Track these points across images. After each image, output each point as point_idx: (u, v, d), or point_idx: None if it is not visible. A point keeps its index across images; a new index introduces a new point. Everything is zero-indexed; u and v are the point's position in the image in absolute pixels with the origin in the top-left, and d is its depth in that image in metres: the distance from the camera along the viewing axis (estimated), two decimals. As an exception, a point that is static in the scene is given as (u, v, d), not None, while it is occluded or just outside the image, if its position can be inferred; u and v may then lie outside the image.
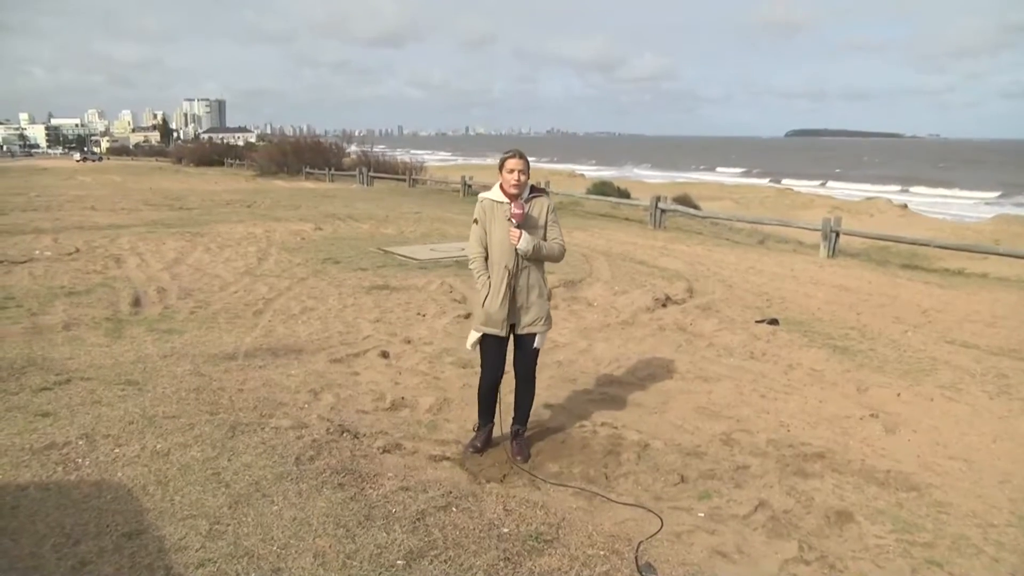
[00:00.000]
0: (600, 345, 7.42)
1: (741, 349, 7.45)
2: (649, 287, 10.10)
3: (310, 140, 51.73)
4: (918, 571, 3.63)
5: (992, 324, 8.92)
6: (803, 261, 13.73)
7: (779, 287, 10.85)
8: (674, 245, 15.24)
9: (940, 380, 6.62)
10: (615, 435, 5.16)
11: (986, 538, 3.95)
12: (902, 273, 13.13)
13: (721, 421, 5.51)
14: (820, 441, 5.19)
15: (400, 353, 6.96)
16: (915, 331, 8.42)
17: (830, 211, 26.32)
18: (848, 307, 9.62)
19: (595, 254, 13.30)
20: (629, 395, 6.03)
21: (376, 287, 9.82)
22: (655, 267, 12.21)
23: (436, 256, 12.31)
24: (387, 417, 5.40)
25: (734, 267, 12.55)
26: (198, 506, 3.94)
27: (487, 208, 4.57)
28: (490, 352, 4.70)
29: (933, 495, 4.43)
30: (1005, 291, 11.37)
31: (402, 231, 16.17)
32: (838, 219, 15.13)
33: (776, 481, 4.55)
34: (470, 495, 4.21)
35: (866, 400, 6.08)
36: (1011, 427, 5.57)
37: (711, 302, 9.48)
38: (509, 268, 4.49)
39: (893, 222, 31.98)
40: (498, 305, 4.51)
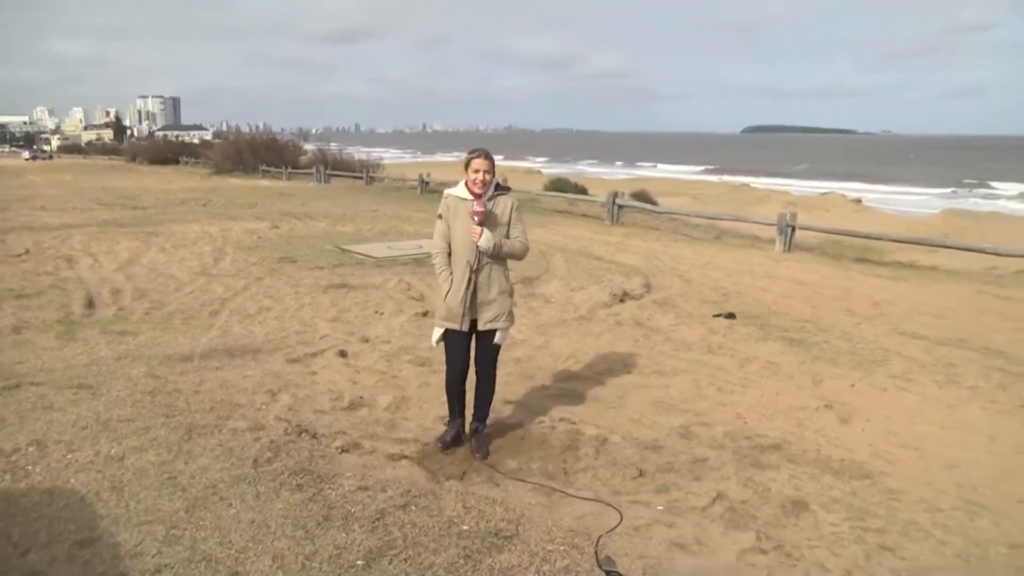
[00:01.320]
0: (558, 341, 7.47)
1: (698, 343, 7.54)
2: (606, 283, 10.18)
3: (266, 138, 51.47)
4: (871, 556, 3.71)
5: (941, 315, 9.12)
6: (759, 256, 13.92)
7: (736, 282, 10.98)
8: (631, 241, 15.34)
9: (892, 371, 6.77)
10: (573, 430, 5.19)
11: (934, 522, 4.06)
12: (855, 266, 13.36)
13: (679, 415, 5.57)
14: (776, 432, 5.27)
15: (358, 352, 6.94)
16: (868, 323, 8.58)
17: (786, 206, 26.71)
18: (803, 300, 9.78)
19: (552, 250, 13.35)
20: (587, 390, 6.07)
21: (333, 286, 9.77)
22: (612, 263, 12.29)
23: (394, 254, 12.27)
24: (345, 417, 5.38)
25: (691, 262, 12.68)
26: (154, 511, 3.89)
27: (451, 204, 4.64)
28: (453, 347, 4.76)
29: (885, 482, 4.53)
30: (953, 283, 11.64)
31: (359, 229, 16.09)
32: (793, 214, 15.36)
33: (733, 473, 4.61)
34: (429, 493, 4.21)
35: (821, 391, 6.19)
36: (958, 415, 5.72)
37: (668, 297, 9.58)
38: (471, 264, 4.55)
39: (847, 217, 32.51)
40: (459, 300, 4.58)
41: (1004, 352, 7.42)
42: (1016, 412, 5.78)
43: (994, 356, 7.27)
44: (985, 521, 4.09)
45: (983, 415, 5.72)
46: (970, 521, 4.08)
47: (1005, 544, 3.86)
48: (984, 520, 4.10)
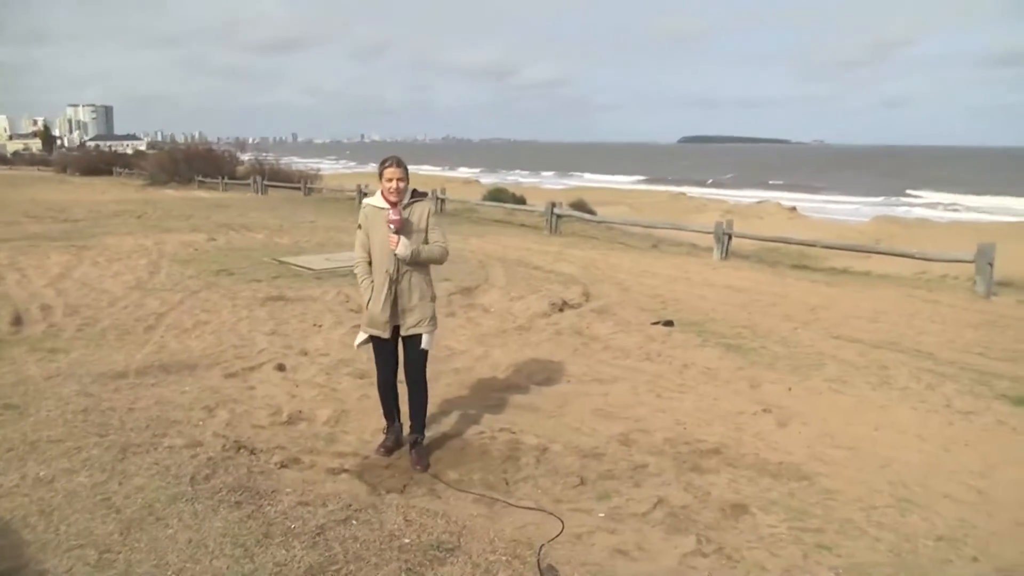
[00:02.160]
0: (497, 351, 7.51)
1: (637, 351, 7.66)
2: (545, 292, 10.27)
3: (202, 148, 50.94)
4: (809, 556, 3.83)
5: (874, 319, 9.42)
6: (697, 264, 14.17)
7: (673, 289, 11.17)
8: (570, 250, 15.49)
9: (827, 374, 6.97)
10: (514, 440, 5.24)
11: (869, 520, 4.21)
12: (791, 273, 13.70)
13: (618, 422, 5.66)
14: (715, 437, 5.39)
15: (296, 365, 6.89)
16: (804, 328, 8.82)
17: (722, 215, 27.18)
18: (740, 307, 10.00)
19: (491, 260, 13.42)
20: (527, 400, 6.13)
21: (271, 298, 9.67)
22: (551, 272, 12.40)
23: (332, 266, 12.19)
24: (284, 431, 5.34)
25: (629, 271, 12.86)
26: (86, 535, 3.81)
27: (369, 214, 4.76)
28: (379, 352, 4.91)
29: (822, 483, 4.68)
30: (886, 287, 12.04)
31: (297, 241, 15.96)
32: (730, 222, 15.68)
33: (673, 478, 4.71)
34: (370, 507, 4.20)
35: (758, 396, 6.35)
36: (891, 416, 5.92)
37: (607, 305, 9.70)
38: (390, 272, 4.67)
39: (783, 224, 33.23)
40: (380, 307, 4.70)
41: (932, 354, 7.71)
42: (943, 411, 6.02)
43: (924, 358, 7.55)
44: (915, 516, 4.26)
45: (913, 415, 5.93)
46: (901, 517, 4.25)
47: (933, 537, 4.04)
48: (914, 515, 4.27)
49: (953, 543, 3.98)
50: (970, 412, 5.99)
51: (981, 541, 4.01)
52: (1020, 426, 5.70)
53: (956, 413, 5.98)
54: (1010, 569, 3.78)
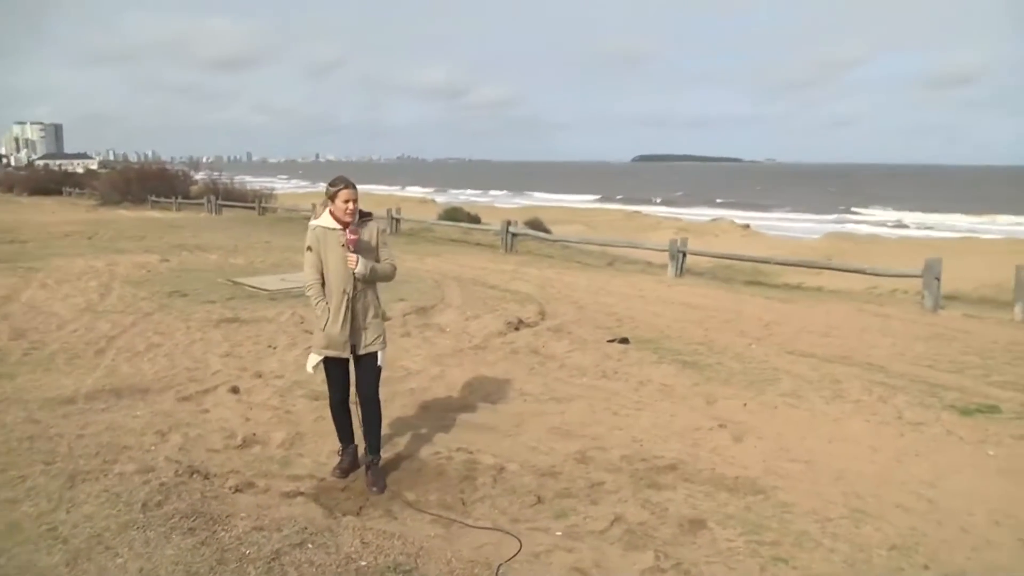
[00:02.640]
0: (453, 371, 7.51)
1: (593, 369, 7.70)
2: (501, 311, 10.30)
3: (155, 167, 50.48)
4: (766, 569, 3.88)
5: (827, 334, 9.59)
6: (652, 281, 14.32)
7: (629, 307, 11.27)
8: (525, 269, 15.56)
9: (782, 389, 7.08)
10: (470, 460, 5.24)
11: (824, 531, 4.27)
12: (745, 289, 13.90)
13: (575, 440, 5.68)
14: (672, 453, 5.44)
15: (251, 388, 6.82)
16: (758, 344, 8.95)
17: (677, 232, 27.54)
18: (695, 323, 10.12)
19: (447, 280, 13.42)
20: (483, 419, 6.14)
21: (225, 320, 9.57)
22: (507, 291, 12.44)
23: (287, 286, 12.10)
24: (238, 455, 5.28)
25: (585, 289, 12.95)
26: (29, 567, 3.71)
27: (320, 236, 4.74)
28: (333, 373, 4.91)
29: (778, 496, 4.74)
30: (837, 302, 12.27)
31: (252, 261, 15.83)
32: (684, 240, 15.89)
33: (631, 495, 4.73)
34: (326, 530, 4.17)
35: (714, 411, 6.42)
36: (844, 428, 6.03)
37: (563, 324, 9.76)
38: (348, 292, 4.69)
39: (736, 241, 33.74)
40: (339, 329, 4.70)
41: (884, 367, 7.87)
42: (894, 423, 6.15)
43: (875, 371, 7.70)
44: (869, 527, 4.33)
45: (866, 427, 6.05)
46: (855, 528, 4.32)
47: (886, 547, 4.11)
48: (868, 526, 4.34)
49: (905, 552, 4.06)
50: (920, 423, 6.13)
51: (931, 549, 4.10)
52: (967, 436, 5.84)
53: (907, 424, 6.11)
54: (957, 575, 3.88)
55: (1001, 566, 3.97)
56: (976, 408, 6.50)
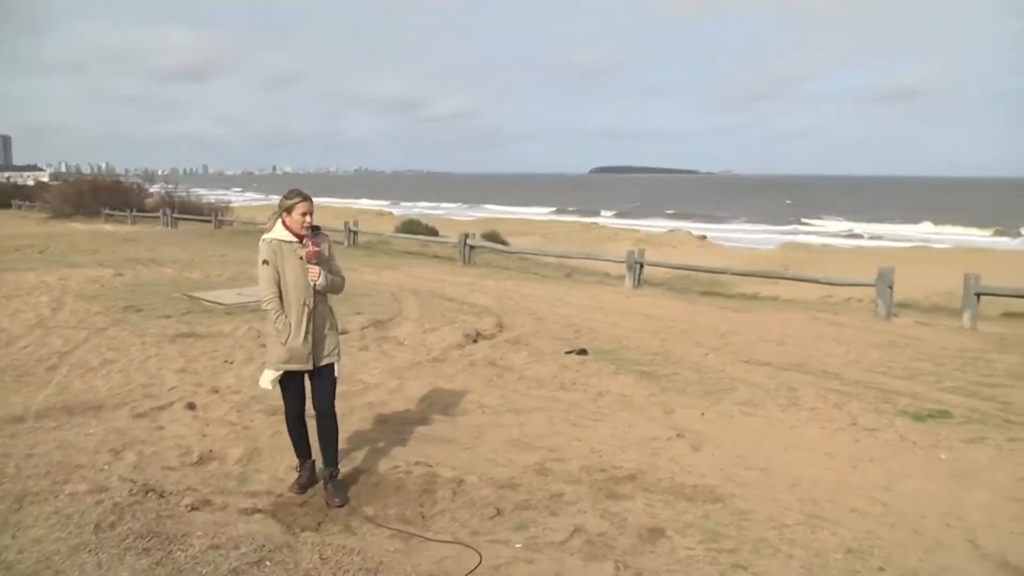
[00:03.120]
0: (412, 384, 7.50)
1: (551, 380, 7.73)
2: (459, 323, 10.30)
3: (109, 179, 49.73)
4: (725, 575, 3.92)
5: (782, 342, 9.74)
6: (610, 292, 14.41)
7: (587, 318, 11.34)
8: (483, 281, 15.58)
9: (738, 397, 7.17)
10: (429, 473, 5.23)
11: (781, 537, 4.33)
12: (702, 300, 14.07)
13: (534, 452, 5.70)
14: (631, 463, 5.47)
15: (207, 403, 6.74)
16: (715, 353, 9.05)
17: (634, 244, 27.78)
18: (653, 334, 10.21)
19: (404, 292, 13.40)
20: (442, 432, 6.13)
21: (181, 335, 9.45)
22: (465, 303, 12.46)
23: (243, 300, 11.98)
24: (195, 472, 5.22)
25: (543, 300, 13.00)
26: (-30, 596, 3.65)
27: (276, 248, 4.72)
28: (291, 387, 4.90)
29: (736, 504, 4.79)
30: (793, 311, 12.47)
31: (208, 275, 15.65)
32: (642, 251, 16.04)
33: (590, 506, 4.76)
34: (284, 547, 4.13)
35: (672, 421, 6.48)
36: (800, 435, 6.13)
37: (521, 335, 9.79)
38: (308, 304, 4.70)
39: (693, 252, 34.12)
40: (301, 341, 4.70)
41: (838, 374, 8.01)
42: (849, 429, 6.26)
43: (830, 378, 7.84)
44: (825, 531, 4.40)
45: (821, 434, 6.15)
46: (812, 533, 4.39)
47: (842, 551, 4.18)
48: (824, 531, 4.42)
49: (860, 555, 4.14)
50: (874, 429, 6.25)
51: (885, 551, 4.18)
52: (920, 440, 5.97)
53: (862, 430, 6.22)
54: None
55: (951, 567, 4.06)
56: (928, 413, 6.64)
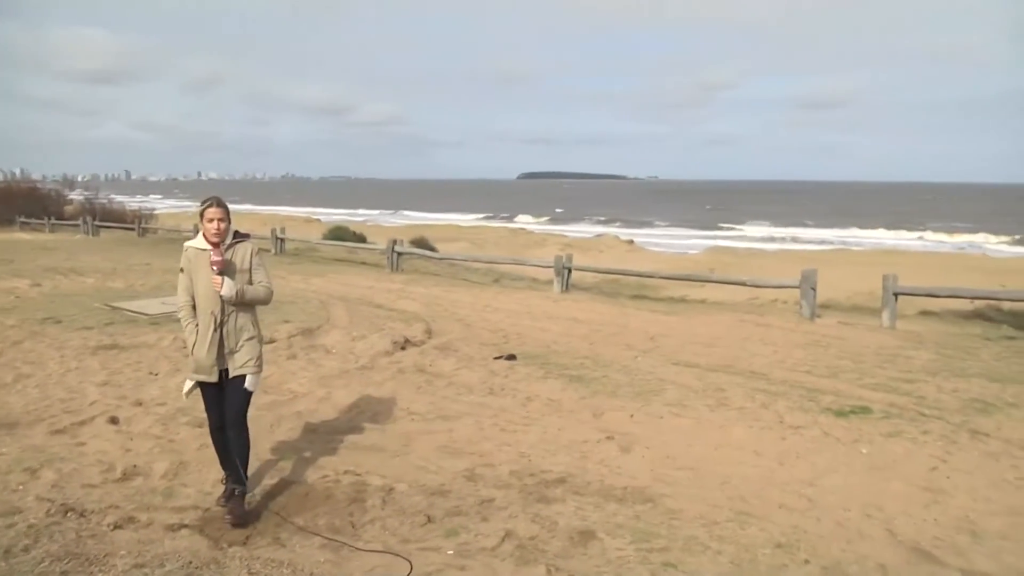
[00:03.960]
0: (340, 392, 7.42)
1: (480, 386, 7.74)
2: (388, 330, 10.23)
3: (24, 186, 48.09)
4: (656, 575, 3.97)
5: (710, 344, 9.92)
6: (538, 297, 14.49)
7: (515, 323, 11.38)
8: (412, 287, 15.54)
9: (667, 399, 7.28)
10: (359, 482, 5.18)
11: (711, 535, 4.43)
12: (631, 303, 14.22)
13: (464, 458, 5.69)
14: (560, 467, 5.51)
15: (131, 417, 6.54)
16: (644, 356, 9.17)
17: (562, 248, 27.95)
18: (582, 338, 10.29)
19: (333, 300, 13.26)
20: (371, 440, 6.08)
21: (103, 347, 9.14)
22: (393, 310, 12.40)
23: (169, 310, 11.66)
24: (118, 489, 5.05)
25: (471, 306, 13.01)
26: None
27: (191, 256, 4.70)
28: (206, 399, 4.81)
29: (666, 504, 4.87)
30: (720, 314, 12.71)
31: (131, 284, 15.20)
32: (569, 256, 16.15)
33: (521, 510, 4.77)
34: (212, 562, 4.04)
35: (602, 424, 6.55)
36: (728, 434, 6.26)
37: (449, 342, 9.77)
38: (215, 314, 4.63)
39: (621, 257, 34.47)
40: (205, 351, 4.64)
41: (765, 374, 8.21)
42: (776, 428, 6.42)
43: (757, 378, 8.02)
44: (754, 527, 4.52)
45: (749, 433, 6.29)
46: (741, 529, 4.49)
47: (770, 545, 4.30)
48: (753, 527, 4.53)
49: (788, 549, 4.25)
50: (800, 426, 6.42)
51: (811, 544, 4.31)
52: (843, 436, 6.16)
53: (788, 428, 6.39)
54: (833, 566, 4.10)
55: (870, 555, 4.23)
56: (850, 410, 6.85)
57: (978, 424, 6.40)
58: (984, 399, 7.16)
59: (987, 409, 6.85)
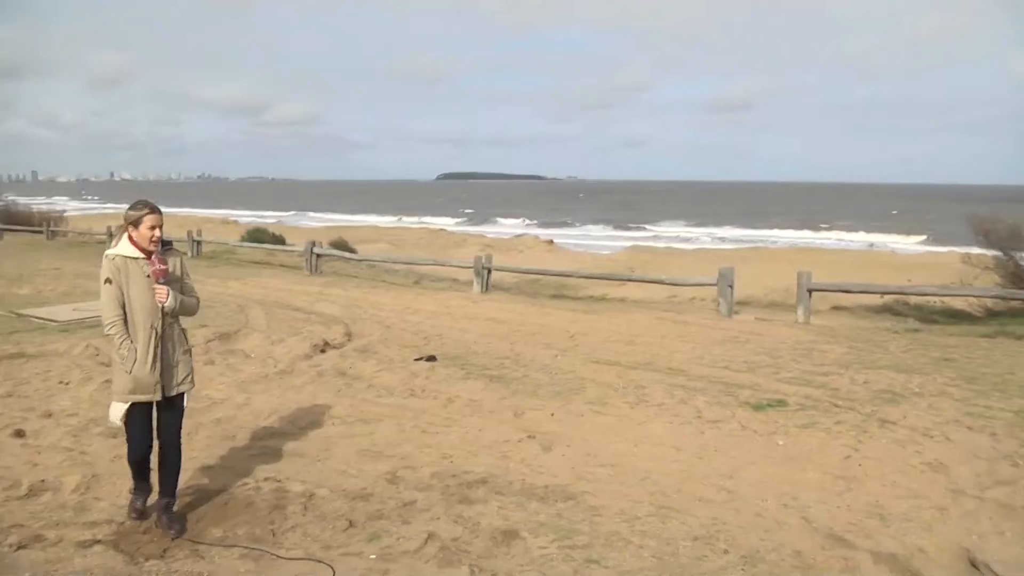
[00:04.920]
0: (259, 397, 7.30)
1: (401, 388, 7.72)
2: (307, 333, 10.11)
3: None
4: (579, 571, 4.02)
5: (630, 342, 10.07)
6: (458, 298, 14.49)
7: (436, 324, 11.38)
8: (331, 290, 15.40)
9: (588, 397, 7.36)
10: (279, 489, 5.11)
11: (633, 530, 4.50)
12: (551, 303, 14.35)
13: (385, 461, 5.67)
14: (482, 467, 5.53)
15: (39, 429, 6.28)
16: (564, 355, 9.26)
17: (482, 249, 28.02)
18: (502, 338, 10.34)
19: (251, 303, 13.04)
20: (291, 445, 6.00)
21: (8, 356, 8.75)
22: (313, 313, 12.27)
23: (80, 316, 11.28)
24: (23, 506, 4.83)
25: (391, 308, 12.96)
26: None
27: (121, 266, 4.35)
28: (139, 421, 4.49)
29: (587, 501, 4.93)
30: (640, 312, 12.90)
31: (39, 290, 14.64)
32: (489, 256, 16.21)
33: (443, 512, 4.77)
34: (126, 578, 3.93)
35: (523, 423, 6.60)
36: (648, 431, 6.37)
37: (369, 344, 9.71)
38: (156, 328, 4.37)
39: (541, 257, 34.70)
40: (149, 369, 4.35)
41: (684, 370, 8.37)
42: (695, 423, 6.56)
43: (676, 375, 8.17)
44: (674, 521, 4.61)
45: (669, 428, 6.42)
46: (662, 523, 4.58)
47: (691, 538, 4.40)
48: (673, 520, 4.62)
49: (707, 540, 4.36)
50: (718, 421, 6.57)
51: (730, 535, 4.43)
52: (760, 429, 6.34)
53: (706, 423, 6.53)
54: (752, 555, 4.22)
55: (787, 543, 4.37)
56: (767, 403, 7.04)
57: (887, 413, 6.65)
58: (892, 389, 7.45)
59: (895, 399, 7.12)
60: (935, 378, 7.85)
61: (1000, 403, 6.94)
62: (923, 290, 14.10)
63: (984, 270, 14.85)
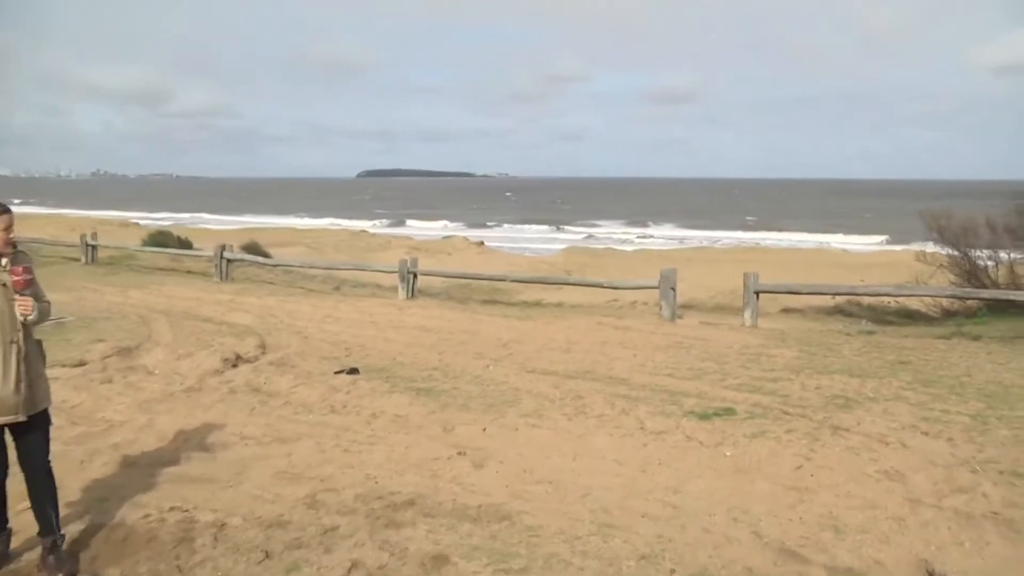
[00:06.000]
0: (163, 418, 7.12)
1: (320, 404, 7.63)
2: (217, 347, 9.92)
3: None
4: (515, 598, 4.01)
5: (568, 350, 10.11)
6: (382, 305, 14.40)
7: (358, 334, 11.29)
8: (243, 298, 15.16)
9: (523, 409, 7.37)
10: (187, 519, 4.98)
11: (573, 550, 4.50)
12: (482, 309, 14.35)
13: (304, 483, 5.58)
14: (409, 488, 5.48)
15: None
16: (497, 364, 9.26)
17: (408, 252, 27.91)
18: (430, 348, 10.30)
19: (154, 314, 12.76)
20: (200, 470, 5.87)
21: None
22: (223, 323, 12.09)
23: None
24: None
25: (309, 317, 12.81)
26: None
27: None
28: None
29: (524, 521, 4.92)
30: (577, 317, 12.97)
31: None
32: (415, 260, 16.14)
33: (368, 537, 4.72)
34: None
35: (453, 439, 6.57)
36: (588, 444, 6.39)
37: (286, 357, 9.57)
38: (17, 343, 4.18)
39: (472, 259, 34.73)
40: (13, 389, 4.15)
41: (625, 379, 8.44)
42: (637, 434, 6.60)
43: (616, 384, 8.24)
44: (617, 540, 4.63)
45: (610, 441, 6.45)
46: (604, 543, 4.59)
47: (635, 557, 4.41)
48: (616, 539, 4.64)
49: (652, 559, 4.38)
50: (662, 432, 6.63)
51: (677, 553, 4.46)
52: (706, 440, 6.40)
53: (649, 434, 6.58)
54: (700, 573, 4.26)
55: (737, 559, 4.42)
56: (714, 412, 7.13)
57: (840, 420, 6.79)
58: (845, 395, 7.63)
59: (848, 404, 7.29)
60: (890, 382, 8.06)
61: (957, 407, 7.16)
62: (877, 290, 14.45)
63: (939, 268, 15.31)
